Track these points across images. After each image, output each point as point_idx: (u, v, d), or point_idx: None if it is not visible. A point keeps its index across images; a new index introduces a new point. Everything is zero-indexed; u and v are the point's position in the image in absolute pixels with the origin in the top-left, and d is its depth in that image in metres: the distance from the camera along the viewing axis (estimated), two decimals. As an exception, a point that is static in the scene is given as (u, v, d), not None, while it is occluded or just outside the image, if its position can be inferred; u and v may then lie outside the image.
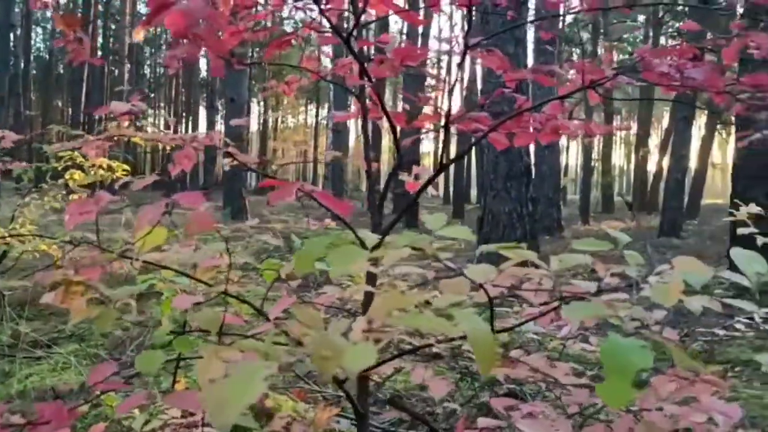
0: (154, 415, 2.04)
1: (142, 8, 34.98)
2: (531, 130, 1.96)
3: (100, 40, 32.35)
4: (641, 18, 29.49)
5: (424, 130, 2.24)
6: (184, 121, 38.83)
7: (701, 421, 1.07)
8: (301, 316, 1.31)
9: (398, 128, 1.82)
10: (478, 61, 2.34)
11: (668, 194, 15.52)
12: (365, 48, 1.97)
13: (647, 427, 0.83)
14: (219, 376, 0.84)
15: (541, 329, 3.47)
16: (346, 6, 1.61)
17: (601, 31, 22.93)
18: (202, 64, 36.77)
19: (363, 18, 1.71)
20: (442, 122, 1.97)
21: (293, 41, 1.86)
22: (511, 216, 7.28)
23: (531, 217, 7.38)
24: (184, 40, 1.14)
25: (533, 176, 11.79)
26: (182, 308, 1.24)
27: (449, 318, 0.75)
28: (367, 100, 1.86)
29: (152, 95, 45.15)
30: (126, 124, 2.17)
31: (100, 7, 31.09)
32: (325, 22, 1.46)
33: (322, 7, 1.42)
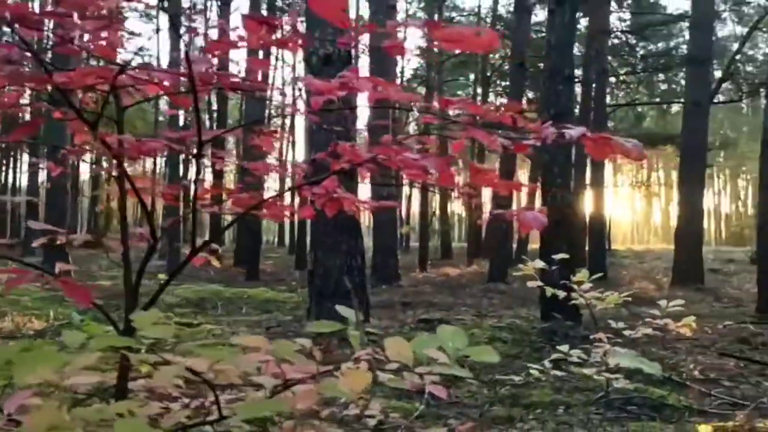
0: None
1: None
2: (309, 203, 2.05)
3: None
4: (472, 76, 31.75)
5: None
6: (4, 169, 35.91)
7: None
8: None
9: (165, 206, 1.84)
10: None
11: (495, 243, 16.57)
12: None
13: None
14: None
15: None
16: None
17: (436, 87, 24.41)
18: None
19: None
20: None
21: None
22: (342, 269, 7.36)
23: (360, 270, 7.53)
24: None
25: (372, 225, 12.10)
26: None
27: None
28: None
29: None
30: None
31: None
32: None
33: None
